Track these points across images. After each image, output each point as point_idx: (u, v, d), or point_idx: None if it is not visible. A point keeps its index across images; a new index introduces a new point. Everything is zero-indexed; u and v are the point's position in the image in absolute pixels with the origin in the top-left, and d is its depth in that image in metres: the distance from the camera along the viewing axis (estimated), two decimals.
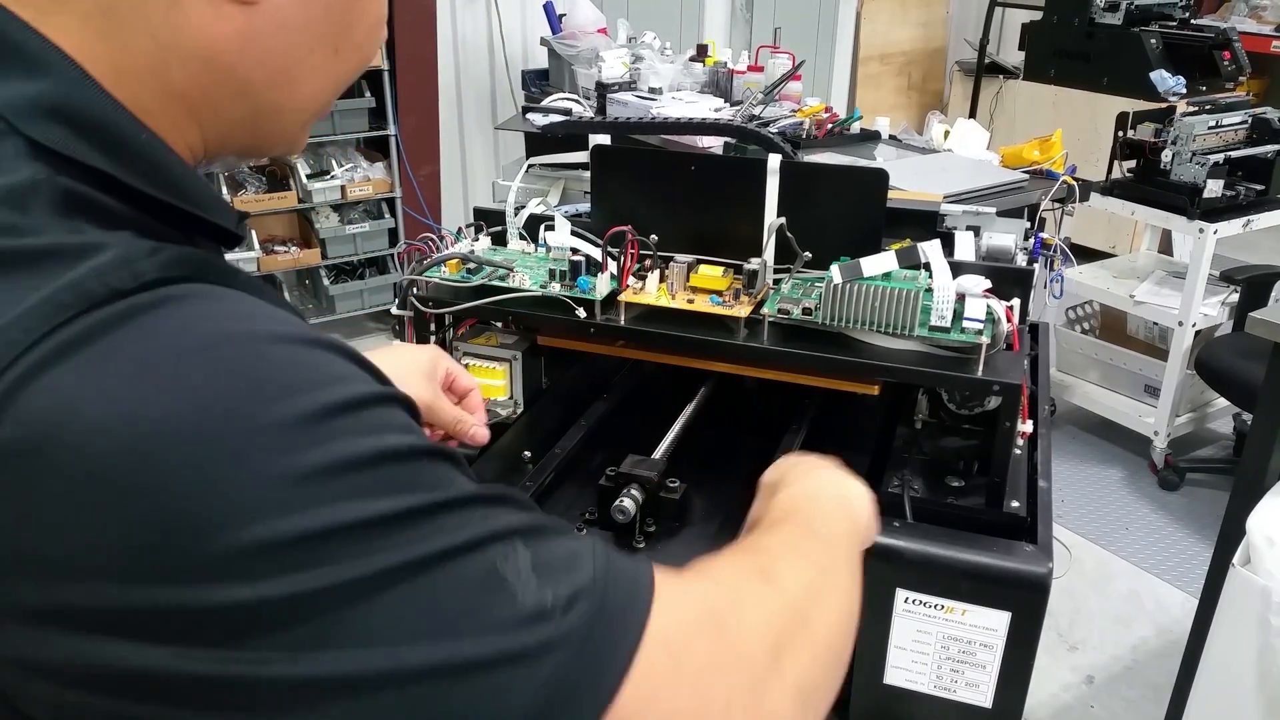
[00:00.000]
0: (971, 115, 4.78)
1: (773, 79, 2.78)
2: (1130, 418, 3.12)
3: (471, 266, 1.05)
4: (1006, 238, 1.12)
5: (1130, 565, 2.68)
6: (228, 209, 0.52)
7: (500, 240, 1.14)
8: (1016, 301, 0.96)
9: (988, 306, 0.92)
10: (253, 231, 3.52)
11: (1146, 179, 2.94)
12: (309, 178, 3.49)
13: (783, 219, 1.02)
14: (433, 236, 1.10)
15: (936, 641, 0.85)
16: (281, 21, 0.49)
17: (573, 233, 1.04)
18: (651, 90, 2.77)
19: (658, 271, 1.03)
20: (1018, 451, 0.95)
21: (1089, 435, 3.30)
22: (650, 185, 1.10)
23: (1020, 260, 1.11)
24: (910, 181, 1.75)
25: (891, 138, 2.61)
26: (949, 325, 0.92)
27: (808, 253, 1.02)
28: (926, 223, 1.16)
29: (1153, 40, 4.11)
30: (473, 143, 4.03)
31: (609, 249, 1.02)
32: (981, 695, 0.86)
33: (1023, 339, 0.96)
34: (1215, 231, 2.79)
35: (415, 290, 1.05)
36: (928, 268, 0.95)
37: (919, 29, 5.61)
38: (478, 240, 1.11)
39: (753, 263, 1.00)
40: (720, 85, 2.96)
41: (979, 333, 0.91)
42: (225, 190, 3.38)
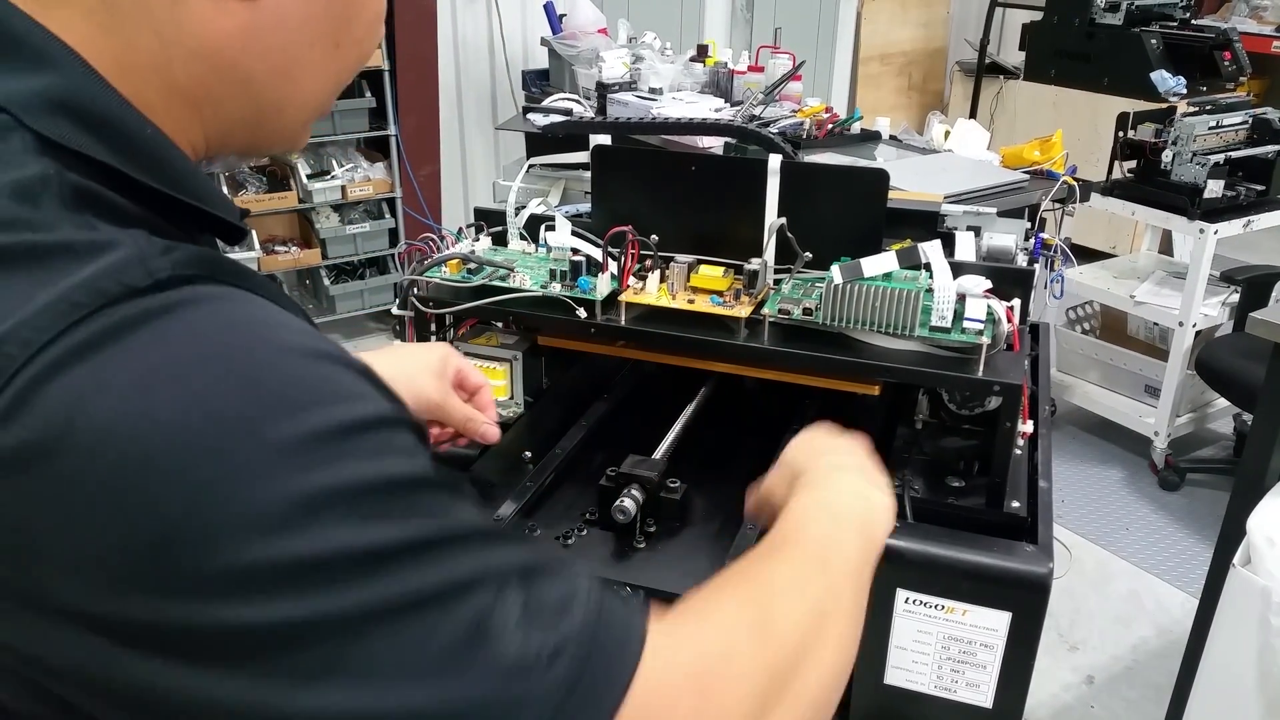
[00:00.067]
0: (972, 115, 4.77)
1: (773, 79, 2.78)
2: (1130, 418, 3.12)
3: (472, 267, 1.05)
4: (1007, 238, 1.12)
5: (1130, 565, 2.68)
6: (231, 204, 0.52)
7: (501, 240, 1.14)
8: (1017, 302, 0.96)
9: (988, 307, 0.92)
10: (253, 232, 3.52)
11: (1147, 179, 2.94)
12: (309, 178, 3.49)
13: (783, 219, 1.02)
14: (433, 237, 1.10)
15: (937, 642, 0.85)
16: (283, 17, 0.50)
17: (573, 233, 1.04)
18: (652, 90, 2.77)
19: (658, 272, 1.03)
20: (1018, 452, 0.95)
21: (1089, 435, 3.29)
22: (651, 185, 1.10)
23: (1021, 260, 1.11)
24: (911, 182, 1.75)
25: (892, 138, 2.61)
26: (949, 325, 0.92)
27: (808, 253, 1.02)
28: (927, 223, 1.16)
29: (1153, 40, 4.11)
30: (473, 143, 4.03)
31: (609, 249, 1.02)
32: (982, 695, 0.86)
33: (1023, 339, 0.96)
34: (1216, 232, 2.79)
35: (416, 290, 1.05)
36: (928, 268, 0.95)
37: (919, 29, 5.61)
38: (478, 240, 1.11)
39: (753, 263, 1.01)
40: (720, 85, 2.96)
41: (979, 333, 0.91)
42: (226, 190, 3.38)
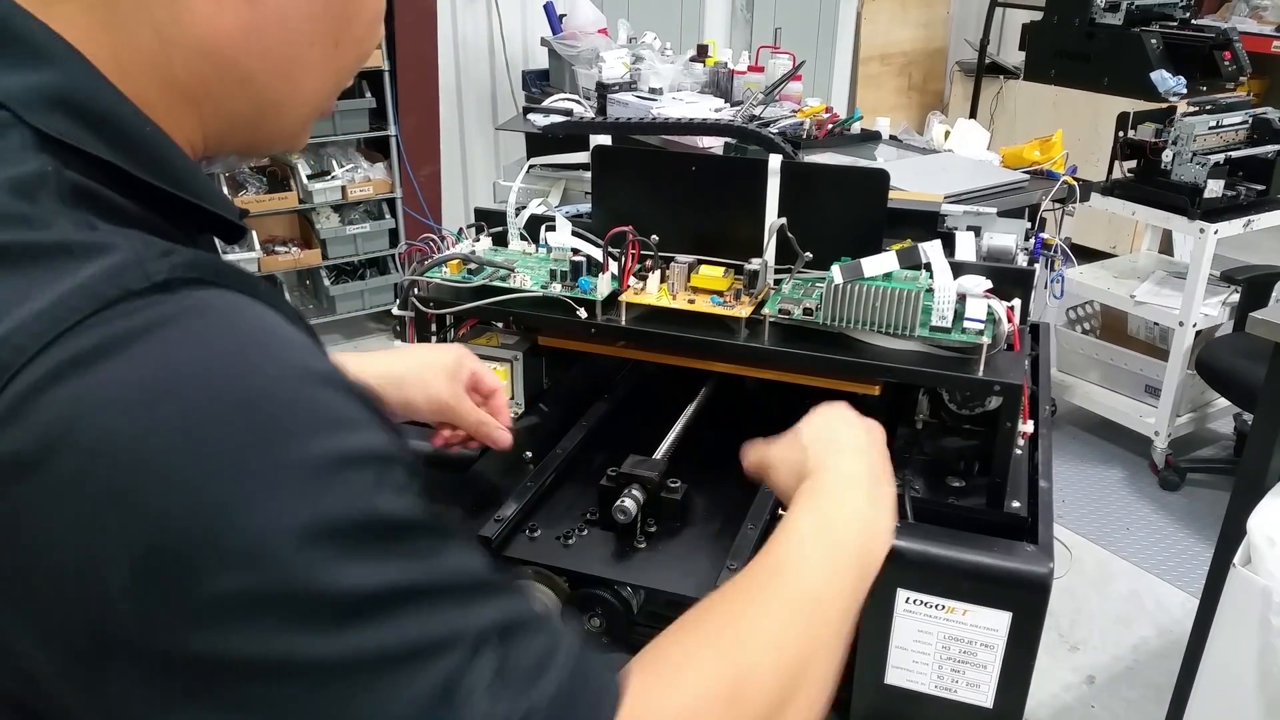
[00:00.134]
0: (972, 115, 4.77)
1: (773, 79, 2.78)
2: (1131, 418, 3.12)
3: (473, 267, 1.05)
4: (1007, 238, 1.12)
5: (1131, 565, 2.68)
6: (230, 202, 0.52)
7: (501, 241, 1.14)
8: (1017, 302, 0.96)
9: (988, 307, 0.92)
10: (253, 232, 3.52)
11: (1147, 179, 2.94)
12: (309, 178, 3.49)
13: (783, 219, 1.02)
14: (434, 237, 1.10)
15: (937, 642, 0.85)
16: (283, 15, 0.50)
17: (574, 233, 1.04)
18: (652, 90, 2.77)
19: (659, 272, 1.03)
20: (1018, 452, 0.95)
21: (1089, 435, 3.29)
22: (651, 186, 1.10)
23: (1021, 260, 1.11)
24: (911, 182, 1.75)
25: (892, 138, 2.61)
26: (950, 325, 0.92)
27: (808, 253, 1.02)
28: (927, 223, 1.16)
29: (1153, 40, 4.11)
30: (473, 143, 4.03)
31: (610, 249, 1.02)
32: (982, 695, 0.86)
33: (1023, 339, 0.96)
34: (1216, 231, 2.79)
35: (416, 291, 1.05)
36: (928, 268, 0.95)
37: (919, 29, 5.61)
38: (479, 241, 1.11)
39: (753, 263, 1.01)
40: (720, 85, 2.96)
41: (980, 333, 0.91)
42: (226, 190, 3.38)
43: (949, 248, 1.05)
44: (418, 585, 0.41)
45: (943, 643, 0.85)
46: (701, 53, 3.05)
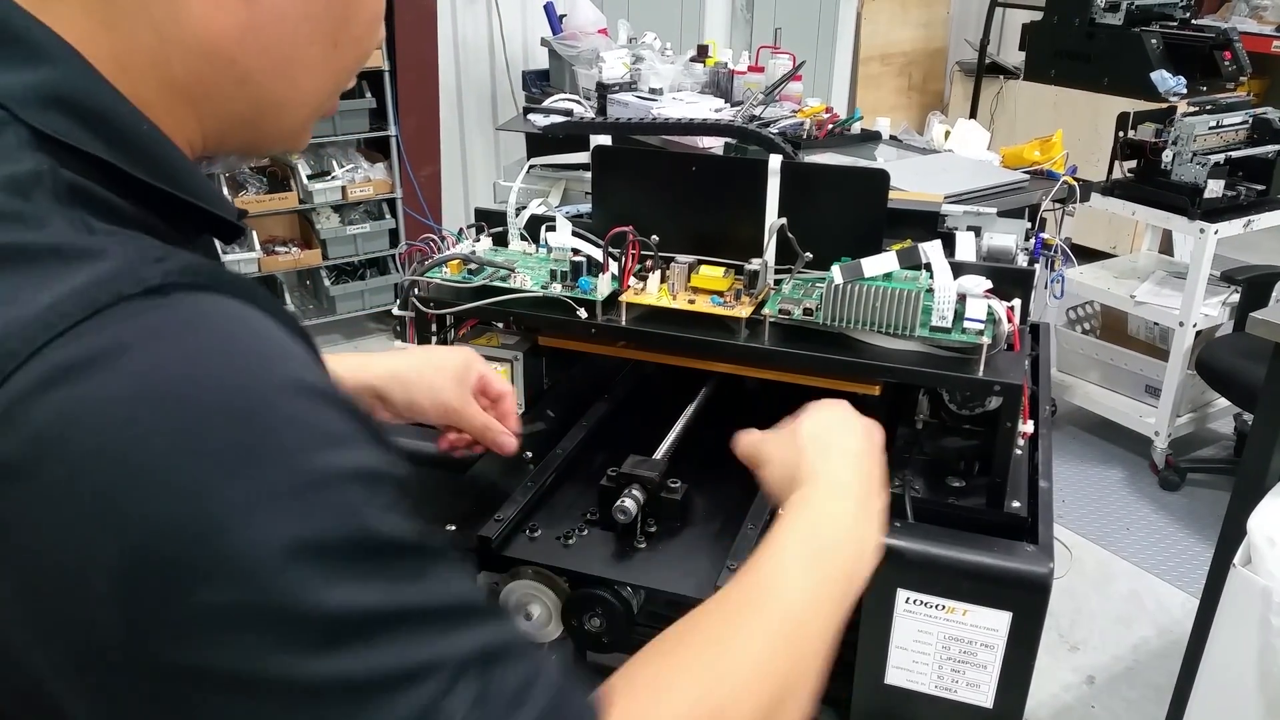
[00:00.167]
0: (972, 115, 4.77)
1: (773, 79, 2.78)
2: (1131, 418, 3.12)
3: (473, 267, 1.05)
4: (1007, 238, 1.12)
5: (1131, 565, 2.68)
6: (228, 202, 0.52)
7: (501, 241, 1.14)
8: (1017, 302, 0.96)
9: (989, 307, 0.92)
10: (253, 232, 3.53)
11: (1147, 179, 2.94)
12: (310, 178, 3.49)
13: (783, 219, 1.02)
14: (434, 237, 1.10)
15: (937, 642, 0.85)
16: (282, 14, 0.49)
17: (574, 233, 1.04)
18: (652, 91, 2.77)
19: (659, 272, 1.03)
20: (1018, 452, 0.95)
21: (1090, 435, 3.29)
22: (651, 186, 1.10)
23: (1021, 261, 1.11)
24: (911, 182, 1.75)
25: (892, 138, 2.61)
26: (950, 326, 0.92)
27: (808, 253, 1.02)
28: (927, 223, 1.16)
29: (1153, 40, 4.11)
30: (473, 143, 4.03)
31: (610, 250, 1.02)
32: (982, 695, 0.86)
33: (1023, 339, 0.96)
34: (1216, 232, 2.79)
35: (417, 291, 1.05)
36: (928, 268, 0.95)
37: (919, 29, 5.61)
38: (479, 241, 1.11)
39: (754, 263, 1.01)
40: (721, 86, 2.96)
41: (980, 333, 0.91)
42: (226, 191, 3.38)
43: (949, 248, 1.05)
44: (402, 608, 0.40)
45: (943, 643, 0.85)
46: (701, 53, 3.05)
